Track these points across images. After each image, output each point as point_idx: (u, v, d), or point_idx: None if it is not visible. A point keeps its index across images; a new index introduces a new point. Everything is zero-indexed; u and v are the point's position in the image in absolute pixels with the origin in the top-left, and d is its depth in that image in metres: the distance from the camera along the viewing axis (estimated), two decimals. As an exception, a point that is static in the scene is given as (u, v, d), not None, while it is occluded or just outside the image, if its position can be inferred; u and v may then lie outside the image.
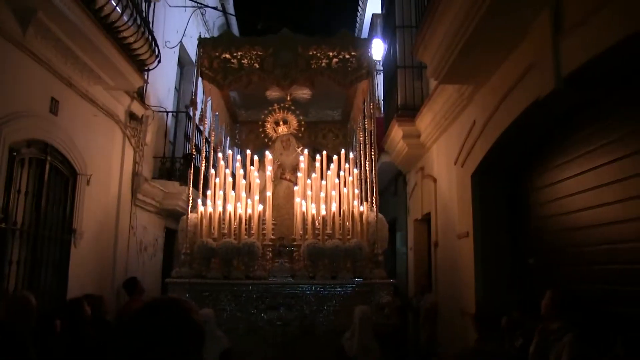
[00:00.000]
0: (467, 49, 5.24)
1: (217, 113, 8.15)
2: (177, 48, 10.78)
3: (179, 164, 10.25)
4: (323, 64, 6.92)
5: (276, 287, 6.39)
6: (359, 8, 14.98)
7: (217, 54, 6.98)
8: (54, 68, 6.39)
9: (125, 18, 6.81)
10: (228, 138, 9.19)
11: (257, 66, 6.92)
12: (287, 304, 6.35)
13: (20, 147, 5.84)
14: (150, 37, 7.80)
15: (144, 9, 7.92)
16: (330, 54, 6.94)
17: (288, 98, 8.19)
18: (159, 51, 8.14)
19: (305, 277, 6.44)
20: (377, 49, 11.30)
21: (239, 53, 6.94)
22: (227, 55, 6.95)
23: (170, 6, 10.56)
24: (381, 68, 12.09)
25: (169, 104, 10.87)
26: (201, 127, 8.83)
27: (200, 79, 7.20)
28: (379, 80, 12.40)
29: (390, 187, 12.93)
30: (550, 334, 4.35)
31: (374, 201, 6.96)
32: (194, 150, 7.08)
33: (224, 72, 6.95)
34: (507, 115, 5.38)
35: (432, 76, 6.55)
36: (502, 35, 4.91)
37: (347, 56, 6.96)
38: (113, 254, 8.25)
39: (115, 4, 6.44)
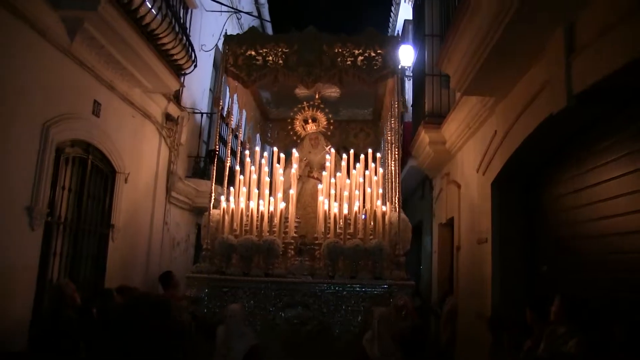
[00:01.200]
0: (487, 64, 5.48)
1: (244, 110, 8.05)
2: (213, 51, 11.15)
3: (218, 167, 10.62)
4: (348, 62, 6.80)
5: (295, 285, 6.29)
6: (392, 14, 15.21)
7: (242, 50, 6.89)
8: (97, 73, 6.82)
9: (164, 25, 7.20)
10: (258, 135, 9.18)
11: (282, 63, 6.84)
12: (305, 303, 6.23)
13: (65, 146, 6.28)
14: (187, 42, 8.19)
15: (181, 15, 8.33)
16: (356, 51, 6.83)
17: (316, 96, 8.12)
18: (195, 56, 8.53)
19: (325, 276, 6.36)
20: (408, 55, 11.54)
21: (264, 50, 6.86)
22: (252, 52, 6.86)
23: (206, 10, 10.96)
24: (411, 74, 12.32)
25: (204, 105, 11.27)
26: (227, 125, 9.10)
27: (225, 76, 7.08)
28: (409, 85, 12.64)
29: (418, 190, 13.17)
30: (557, 338, 4.57)
31: (397, 201, 6.86)
32: (217, 146, 7.15)
33: (248, 69, 6.86)
34: (524, 127, 5.60)
35: (455, 88, 6.81)
36: (520, 53, 5.14)
37: (373, 54, 6.82)
38: (147, 248, 8.68)
39: (155, 13, 6.82)
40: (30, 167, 5.60)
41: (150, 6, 6.64)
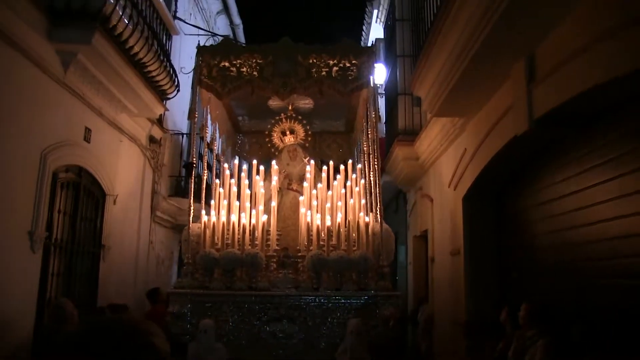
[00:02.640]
0: (456, 89, 5.98)
1: (217, 123, 7.91)
2: (192, 73, 11.48)
3: (195, 184, 10.93)
4: (323, 73, 6.75)
5: (279, 298, 6.23)
6: (363, 33, 15.73)
7: (216, 62, 6.83)
8: (88, 100, 7.15)
9: (150, 54, 7.55)
10: (230, 148, 9.00)
11: (256, 74, 6.75)
12: (290, 316, 6.17)
13: (60, 172, 6.59)
14: (170, 69, 8.56)
15: (164, 42, 8.69)
16: (331, 62, 6.78)
17: (290, 108, 8.01)
18: (178, 81, 8.89)
19: (309, 289, 6.29)
20: (380, 73, 12.01)
21: (238, 61, 6.78)
22: (226, 63, 6.78)
23: (185, 34, 11.31)
24: (383, 92, 12.81)
25: (184, 125, 11.59)
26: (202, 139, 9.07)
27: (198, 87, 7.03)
28: (381, 103, 13.12)
29: (392, 204, 13.64)
30: (526, 340, 5.04)
31: (379, 212, 6.80)
32: (194, 159, 7.02)
33: (222, 80, 6.78)
34: (492, 146, 6.09)
35: (427, 109, 7.29)
36: (486, 78, 5.64)
37: (348, 64, 6.79)
38: (135, 266, 8.99)
39: (143, 43, 7.17)
40: (30, 193, 5.91)
41: (138, 37, 6.97)
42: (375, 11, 13.65)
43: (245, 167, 7.72)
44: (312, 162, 7.81)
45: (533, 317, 5.01)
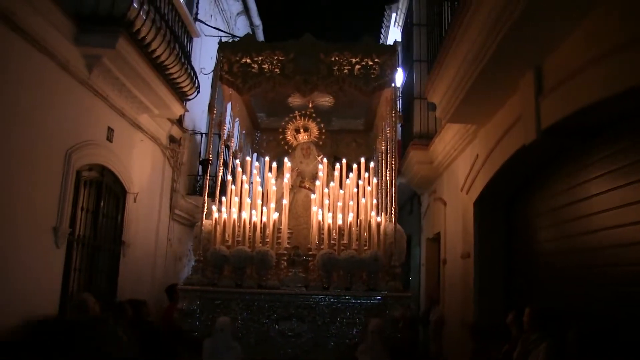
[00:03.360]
0: (468, 97, 6.13)
1: (237, 119, 7.91)
2: (211, 74, 11.72)
3: (211, 182, 11.18)
4: (345, 71, 6.69)
5: (289, 297, 6.15)
6: (381, 37, 15.87)
7: (237, 58, 6.76)
8: (111, 101, 7.40)
9: (172, 57, 7.79)
10: (248, 145, 8.95)
11: (278, 71, 6.70)
12: (299, 315, 6.09)
13: (84, 170, 6.84)
14: (191, 71, 8.79)
15: (185, 44, 8.92)
16: (353, 60, 6.72)
17: (310, 105, 7.94)
18: (198, 83, 9.12)
19: (319, 288, 6.22)
20: (398, 76, 12.15)
21: (260, 58, 6.73)
22: (248, 60, 6.72)
23: (205, 35, 11.55)
24: (400, 95, 12.95)
25: (203, 125, 11.84)
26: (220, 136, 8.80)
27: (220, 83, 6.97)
28: (399, 105, 13.26)
29: (407, 206, 13.79)
30: (530, 343, 5.19)
31: (392, 212, 6.75)
32: (210, 155, 7.02)
33: (243, 76, 6.72)
34: (502, 154, 6.24)
35: (441, 116, 7.45)
36: (497, 89, 5.79)
37: (370, 63, 6.72)
38: (153, 263, 9.24)
39: (165, 47, 7.40)
40: (55, 191, 6.17)
41: (161, 40, 7.20)
42: (394, 15, 13.80)
43: (257, 164, 7.74)
44: (325, 160, 7.64)
45: (536, 321, 5.16)
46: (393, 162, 6.92)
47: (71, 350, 5.39)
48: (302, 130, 7.97)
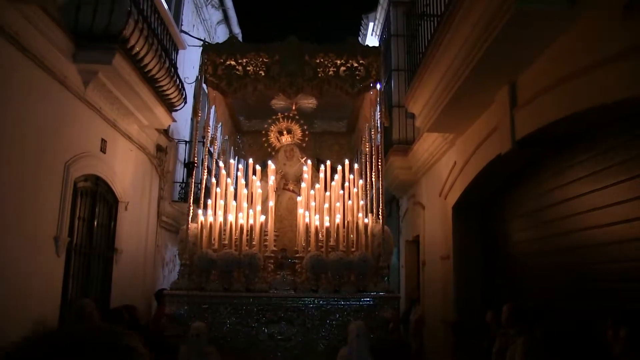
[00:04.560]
0: (447, 109, 6.54)
1: (220, 123, 7.89)
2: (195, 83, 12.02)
3: (196, 188, 11.47)
4: (330, 72, 6.66)
5: (277, 300, 6.16)
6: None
7: (221, 60, 6.74)
8: (104, 113, 7.65)
9: (162, 70, 8.07)
10: (231, 148, 8.95)
11: (263, 73, 6.66)
12: (288, 318, 6.12)
13: (80, 181, 7.09)
14: (179, 82, 9.08)
15: (172, 56, 9.21)
16: (338, 62, 6.71)
17: (293, 107, 7.90)
18: (185, 94, 9.41)
19: (308, 291, 6.22)
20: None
21: (244, 60, 6.70)
22: (232, 62, 6.69)
23: (188, 45, 11.82)
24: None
25: (186, 133, 12.11)
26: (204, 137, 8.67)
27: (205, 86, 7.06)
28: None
29: (385, 209, 14.15)
30: (508, 338, 5.60)
31: (379, 213, 6.75)
32: (195, 157, 7.06)
33: (228, 78, 6.67)
34: (479, 162, 6.66)
35: (420, 126, 7.85)
36: (475, 101, 6.21)
37: (355, 64, 6.73)
38: (143, 268, 9.49)
39: (157, 62, 7.69)
40: (55, 202, 6.42)
41: (153, 55, 7.49)
42: (371, 24, 14.17)
43: (241, 166, 7.69)
44: (310, 162, 7.66)
45: (514, 317, 5.56)
46: (380, 164, 6.93)
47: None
48: (285, 133, 7.96)
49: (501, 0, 4.42)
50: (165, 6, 8.67)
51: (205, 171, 7.84)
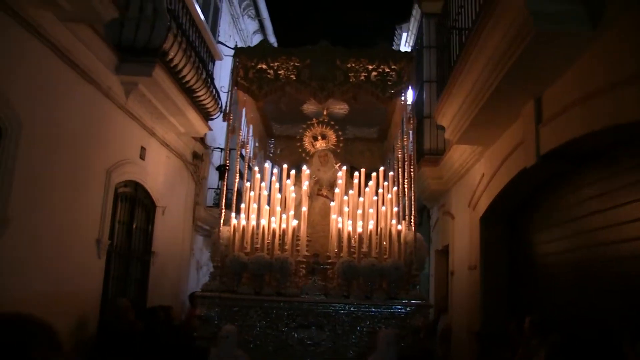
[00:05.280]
0: (474, 122, 6.69)
1: (251, 126, 7.79)
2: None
3: (229, 193, 11.76)
4: (362, 77, 6.59)
5: (308, 305, 6.07)
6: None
7: (252, 64, 6.70)
8: (143, 122, 8.01)
9: (199, 82, 8.40)
10: (262, 152, 8.87)
11: (294, 77, 6.62)
12: (318, 324, 6.02)
13: (120, 187, 7.44)
14: (215, 92, 9.40)
15: (209, 66, 9.54)
16: (370, 67, 6.63)
17: (324, 113, 7.83)
18: (221, 103, 9.72)
19: (339, 296, 6.13)
20: (409, 94, 12.67)
21: (276, 64, 6.65)
22: (263, 66, 6.65)
23: (225, 55, 12.16)
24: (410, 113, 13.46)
25: (222, 140, 12.42)
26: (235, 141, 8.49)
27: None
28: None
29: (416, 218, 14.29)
30: (531, 348, 5.72)
31: (412, 220, 6.68)
32: (227, 161, 7.10)
33: (259, 82, 6.63)
34: (505, 174, 6.79)
35: (449, 138, 8.00)
36: (501, 115, 6.35)
37: (387, 70, 6.64)
38: (178, 271, 9.83)
39: (194, 73, 8.02)
40: (97, 206, 6.78)
41: (190, 67, 7.82)
42: (405, 35, 14.36)
43: (275, 171, 7.70)
44: (345, 168, 7.61)
45: (535, 328, 5.69)
46: (412, 170, 6.87)
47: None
48: (319, 138, 7.89)
49: (522, 22, 4.57)
50: (202, 18, 9.01)
51: (237, 174, 7.78)
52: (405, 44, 14.48)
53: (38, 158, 5.64)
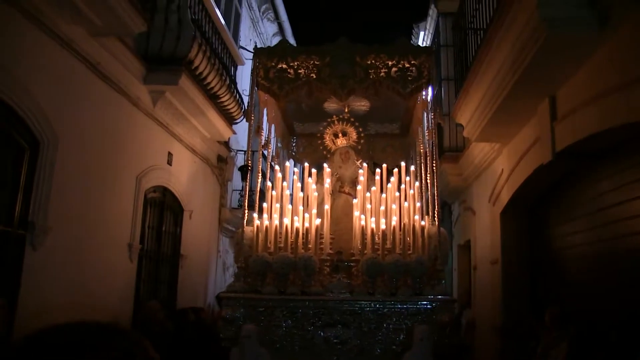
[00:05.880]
0: (492, 120, 6.86)
1: (272, 125, 7.72)
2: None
3: (252, 193, 12.01)
4: (382, 74, 6.51)
5: (333, 303, 5.99)
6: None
7: (273, 63, 6.69)
8: (170, 128, 8.28)
9: (223, 88, 8.65)
10: (284, 151, 8.81)
11: (314, 76, 6.60)
12: (344, 322, 5.93)
13: (149, 192, 7.72)
14: (238, 97, 9.65)
15: (232, 72, 9.79)
16: (389, 62, 6.55)
17: (346, 110, 7.78)
18: (244, 107, 9.96)
19: (364, 294, 6.04)
20: (427, 92, 12.81)
21: (296, 63, 6.62)
22: (284, 65, 6.63)
23: (246, 59, 12.40)
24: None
25: (245, 143, 12.65)
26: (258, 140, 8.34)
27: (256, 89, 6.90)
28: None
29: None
30: (552, 340, 5.88)
31: (435, 215, 6.60)
32: (250, 161, 7.13)
33: (279, 82, 6.62)
34: (524, 171, 6.95)
35: (467, 136, 8.16)
36: (518, 113, 6.51)
37: (407, 65, 6.56)
38: (206, 273, 10.12)
39: (218, 80, 8.27)
40: (129, 211, 7.06)
41: (215, 74, 8.07)
42: (422, 33, 14.48)
43: (296, 169, 7.77)
44: (365, 164, 7.45)
45: (556, 321, 5.84)
46: (435, 165, 6.79)
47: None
48: (340, 135, 7.83)
49: (534, 25, 4.75)
50: (224, 23, 9.26)
51: (260, 174, 7.91)
52: (422, 42, 14.60)
53: (73, 169, 5.92)
